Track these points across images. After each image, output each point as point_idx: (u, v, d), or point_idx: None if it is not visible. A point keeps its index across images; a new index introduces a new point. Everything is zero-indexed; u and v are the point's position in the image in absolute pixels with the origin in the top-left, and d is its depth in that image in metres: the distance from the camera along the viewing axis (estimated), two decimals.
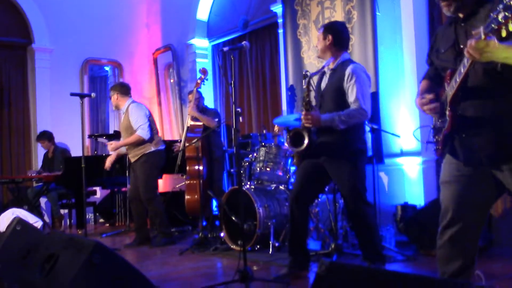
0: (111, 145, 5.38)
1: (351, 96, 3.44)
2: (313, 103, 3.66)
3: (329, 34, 3.59)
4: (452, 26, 2.20)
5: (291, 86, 6.15)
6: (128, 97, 5.52)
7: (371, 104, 3.60)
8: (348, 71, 3.47)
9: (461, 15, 2.14)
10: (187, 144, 5.44)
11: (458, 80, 2.02)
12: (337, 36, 3.60)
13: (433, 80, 2.39)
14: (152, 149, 5.35)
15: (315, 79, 3.85)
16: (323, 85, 3.65)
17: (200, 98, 5.88)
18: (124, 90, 5.55)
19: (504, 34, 1.72)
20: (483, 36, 1.76)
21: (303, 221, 3.66)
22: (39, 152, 7.73)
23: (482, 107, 2.05)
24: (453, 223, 2.21)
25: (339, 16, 5.58)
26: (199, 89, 5.75)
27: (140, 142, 5.28)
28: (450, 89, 2.09)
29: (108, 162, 5.66)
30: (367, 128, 4.34)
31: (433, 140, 2.30)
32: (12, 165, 7.83)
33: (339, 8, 5.61)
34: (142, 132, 5.24)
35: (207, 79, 5.72)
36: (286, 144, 3.68)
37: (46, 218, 7.33)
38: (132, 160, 5.38)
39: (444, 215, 2.24)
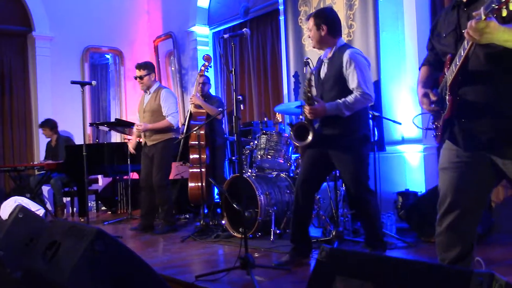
0: (140, 126, 5.33)
1: (353, 83, 3.42)
2: (314, 93, 3.64)
3: (322, 24, 3.52)
4: (455, 10, 2.17)
5: (295, 73, 6.13)
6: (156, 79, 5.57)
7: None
8: (345, 57, 3.44)
9: (465, 0, 2.12)
10: (189, 132, 5.44)
11: (458, 63, 2.00)
12: (330, 24, 3.54)
13: (432, 65, 2.37)
14: (173, 136, 5.41)
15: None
16: (322, 74, 3.62)
17: (207, 84, 5.86)
18: (155, 71, 5.55)
19: (504, 13, 1.71)
20: (483, 17, 1.75)
21: (307, 209, 3.66)
22: (41, 140, 7.74)
23: (482, 91, 2.04)
24: (451, 210, 2.21)
25: (340, 3, 5.54)
26: (205, 75, 5.74)
27: (165, 129, 5.33)
28: (450, 73, 2.08)
29: (132, 148, 5.68)
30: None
31: (432, 127, 2.29)
32: (14, 153, 7.84)
33: None
34: (173, 120, 5.34)
35: (211, 66, 5.69)
36: (290, 139, 3.67)
37: (48, 206, 7.36)
38: (150, 143, 5.38)
39: (442, 201, 2.24)
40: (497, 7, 1.69)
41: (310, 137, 3.48)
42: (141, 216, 5.56)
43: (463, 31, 2.06)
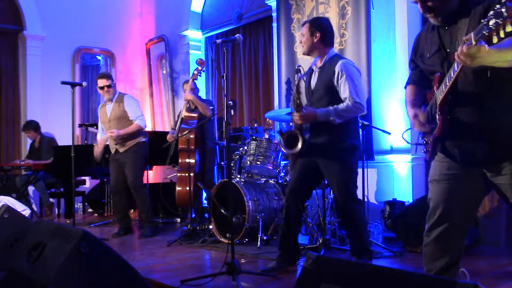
0: (113, 133, 5.30)
1: (345, 92, 3.43)
2: (304, 102, 3.65)
3: (317, 31, 3.55)
4: (435, 30, 2.21)
5: (287, 79, 6.15)
6: None
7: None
8: (337, 68, 3.46)
9: (445, 22, 2.16)
10: (180, 135, 5.42)
11: (448, 84, 2.02)
12: (324, 32, 3.57)
13: (418, 84, 2.39)
14: (142, 139, 5.49)
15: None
16: (312, 83, 3.63)
17: (195, 89, 5.85)
18: None
19: (495, 40, 1.72)
20: (473, 42, 1.77)
21: (297, 217, 3.66)
22: (29, 140, 7.67)
23: (472, 110, 2.06)
24: (441, 222, 2.22)
25: (333, 12, 5.58)
26: (195, 81, 5.73)
27: (136, 133, 5.39)
28: (439, 93, 2.10)
29: (98, 153, 5.62)
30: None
31: (422, 142, 2.31)
32: (1, 153, 7.77)
33: (334, 4, 5.61)
34: (142, 122, 5.44)
35: (204, 71, 5.68)
36: (280, 146, 3.67)
37: (34, 206, 7.29)
38: (122, 150, 5.40)
39: (432, 213, 2.26)
40: (487, 34, 1.70)
41: (299, 146, 3.48)
42: (119, 220, 5.61)
43: (447, 50, 2.09)
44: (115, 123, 5.43)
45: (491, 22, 1.67)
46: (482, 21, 1.72)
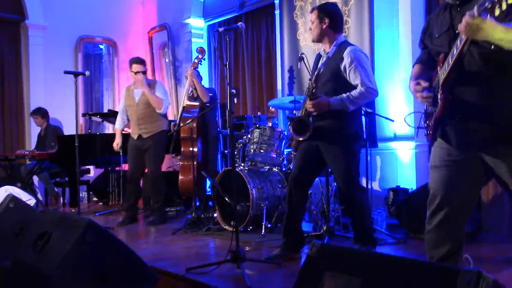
0: (142, 85, 5.34)
1: (356, 80, 3.41)
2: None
3: (325, 17, 3.53)
4: (447, 11, 2.19)
5: (290, 67, 6.13)
6: None
7: None
8: (346, 54, 3.44)
9: (458, 1, 2.13)
10: (182, 124, 5.43)
11: (451, 62, 2.01)
12: (333, 18, 3.55)
13: (425, 64, 2.38)
14: (165, 128, 5.54)
15: (311, 62, 3.82)
16: (319, 68, 3.62)
17: (198, 77, 5.85)
18: None
19: (497, 12, 1.72)
20: (476, 14, 1.77)
21: (301, 204, 3.66)
22: (32, 129, 7.70)
23: (476, 91, 2.05)
24: (441, 208, 2.22)
25: None
26: (196, 69, 5.72)
27: (156, 117, 5.43)
28: (442, 72, 2.09)
29: (116, 145, 5.72)
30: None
31: (424, 125, 2.30)
32: (5, 142, 7.79)
33: None
34: (165, 103, 5.49)
35: (204, 59, 5.67)
36: (289, 133, 3.66)
37: (39, 196, 7.33)
38: (145, 135, 5.43)
39: (432, 199, 2.26)
40: (490, 6, 1.71)
41: (309, 132, 3.48)
42: (127, 208, 5.61)
43: (457, 31, 2.07)
44: (143, 108, 5.46)
45: None
46: None
